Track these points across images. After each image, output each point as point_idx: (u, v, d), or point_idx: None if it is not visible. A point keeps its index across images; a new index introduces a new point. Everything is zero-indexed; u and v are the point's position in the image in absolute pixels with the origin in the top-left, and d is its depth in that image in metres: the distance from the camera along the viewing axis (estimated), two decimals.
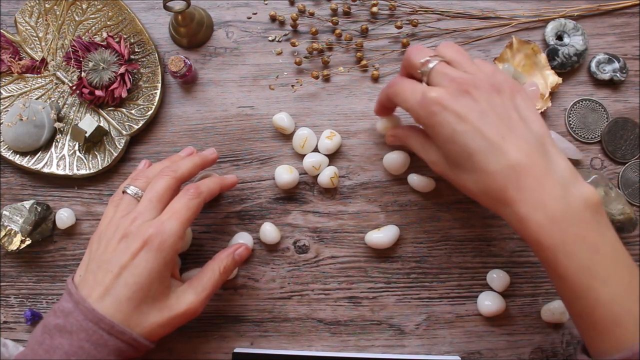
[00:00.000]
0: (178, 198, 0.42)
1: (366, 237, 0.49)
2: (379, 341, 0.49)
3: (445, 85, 0.38)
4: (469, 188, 0.39)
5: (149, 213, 0.40)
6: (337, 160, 0.51)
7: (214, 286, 0.43)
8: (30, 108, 0.50)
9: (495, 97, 0.37)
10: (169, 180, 0.42)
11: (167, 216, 0.40)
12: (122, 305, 0.38)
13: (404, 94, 0.40)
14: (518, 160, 0.35)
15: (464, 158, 0.37)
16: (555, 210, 0.34)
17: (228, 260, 0.44)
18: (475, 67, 0.39)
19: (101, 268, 0.39)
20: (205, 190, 0.43)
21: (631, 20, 0.52)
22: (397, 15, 0.53)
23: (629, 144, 0.50)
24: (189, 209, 0.41)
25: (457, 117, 0.37)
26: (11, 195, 0.52)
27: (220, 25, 0.53)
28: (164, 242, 0.39)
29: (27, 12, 0.52)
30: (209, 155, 0.47)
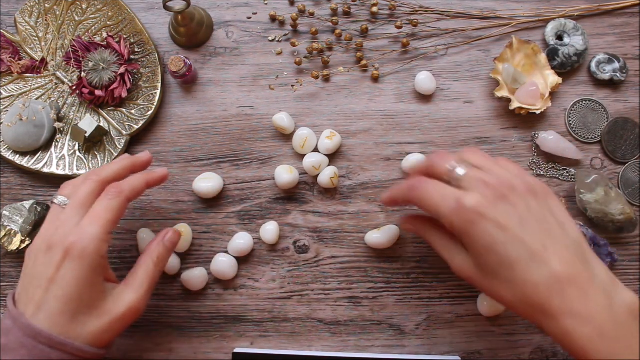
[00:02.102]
0: (99, 201, 0.40)
1: (366, 237, 0.49)
2: (379, 341, 0.49)
3: (480, 190, 0.36)
4: (505, 298, 0.36)
5: (72, 220, 0.39)
6: (337, 160, 0.51)
7: (151, 279, 0.41)
8: (30, 108, 0.50)
9: (531, 201, 0.36)
10: (91, 183, 0.40)
11: (87, 221, 0.39)
12: (57, 319, 0.37)
13: (433, 199, 0.37)
14: (562, 271, 0.34)
15: (504, 268, 0.35)
16: (603, 322, 0.33)
17: (159, 248, 0.42)
18: (504, 170, 0.38)
19: (32, 284, 0.38)
20: (127, 189, 0.41)
21: (631, 20, 0.52)
22: (397, 15, 0.53)
23: (629, 144, 0.50)
24: (110, 210, 0.39)
25: (497, 226, 0.35)
26: (11, 195, 0.52)
27: (220, 25, 0.53)
28: (85, 249, 0.37)
29: (27, 12, 0.52)
30: (141, 157, 0.45)
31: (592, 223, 0.49)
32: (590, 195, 0.47)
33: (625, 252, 0.49)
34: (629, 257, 0.49)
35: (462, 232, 0.36)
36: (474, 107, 0.51)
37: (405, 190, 0.40)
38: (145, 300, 0.41)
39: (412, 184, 0.39)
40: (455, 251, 0.39)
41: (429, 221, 0.42)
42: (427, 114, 0.51)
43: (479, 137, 0.51)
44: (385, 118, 0.51)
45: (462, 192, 0.36)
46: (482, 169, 0.38)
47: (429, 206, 0.38)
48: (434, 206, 0.37)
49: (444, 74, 0.52)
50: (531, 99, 0.49)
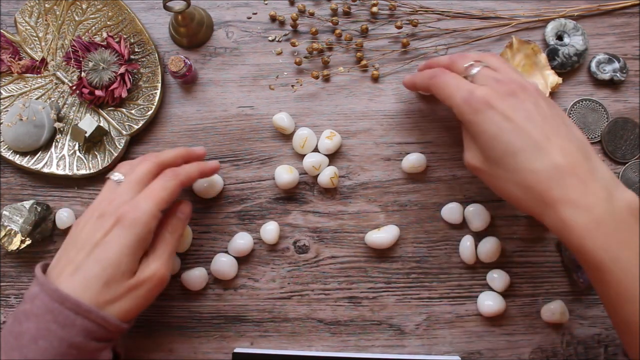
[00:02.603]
0: (156, 180, 0.42)
1: (366, 237, 0.49)
2: (379, 341, 0.49)
3: (491, 85, 0.39)
4: (508, 188, 0.38)
5: (127, 194, 0.41)
6: (337, 160, 0.51)
7: (170, 247, 0.43)
8: (30, 108, 0.50)
9: (540, 101, 0.38)
10: (149, 164, 0.43)
11: (143, 196, 0.40)
12: (91, 282, 0.37)
13: (449, 88, 0.40)
14: (563, 161, 0.35)
15: (507, 156, 0.37)
16: (600, 213, 0.34)
17: (173, 220, 0.44)
18: (518, 74, 0.41)
19: (75, 247, 0.39)
20: (182, 173, 0.43)
21: (631, 20, 0.52)
22: (397, 15, 0.53)
23: (629, 144, 0.50)
24: (165, 189, 0.41)
25: (503, 115, 0.37)
26: (11, 195, 0.52)
27: (220, 25, 0.53)
28: (137, 219, 0.39)
29: (27, 12, 0.52)
30: (197, 150, 0.47)
31: None
32: None
33: None
34: None
35: (470, 121, 0.39)
36: None
37: (425, 77, 0.43)
38: (167, 267, 0.42)
39: (433, 73, 0.42)
40: (468, 145, 0.41)
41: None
42: (427, 114, 0.51)
43: None
44: (385, 118, 0.51)
45: (478, 85, 0.39)
46: (498, 70, 0.41)
47: (444, 94, 0.41)
48: (448, 95, 0.40)
49: None
50: None
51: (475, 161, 0.40)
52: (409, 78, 0.47)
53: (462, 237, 0.49)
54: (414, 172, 0.50)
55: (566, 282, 0.49)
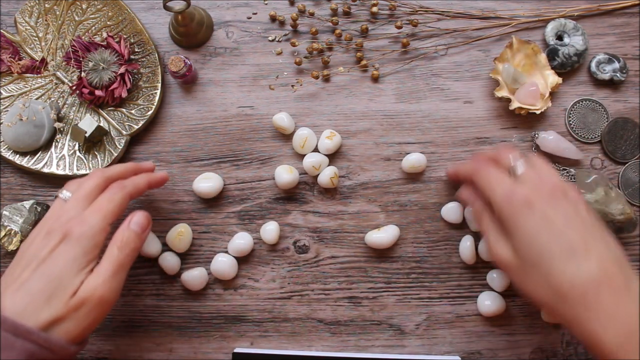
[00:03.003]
0: (102, 194, 0.42)
1: (366, 237, 0.49)
2: (379, 341, 0.49)
3: (534, 186, 0.39)
4: (537, 290, 0.37)
5: (74, 210, 0.40)
6: (337, 160, 0.51)
7: (116, 264, 0.39)
8: (30, 108, 0.50)
9: (581, 206, 0.38)
10: (96, 179, 0.42)
11: (90, 211, 0.40)
12: (34, 298, 0.36)
13: (491, 182, 0.40)
14: (599, 271, 0.35)
15: (543, 258, 0.36)
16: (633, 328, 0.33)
17: (124, 233, 0.41)
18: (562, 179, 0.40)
19: (20, 264, 0.39)
20: (129, 185, 0.43)
21: (631, 20, 0.52)
22: (397, 15, 0.53)
23: (629, 144, 0.50)
24: (111, 201, 0.41)
25: (543, 216, 0.37)
26: (11, 195, 0.52)
27: (220, 25, 0.53)
28: (83, 233, 0.38)
29: (27, 12, 0.52)
30: (145, 164, 0.47)
31: None
32: (590, 195, 0.47)
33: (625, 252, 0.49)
34: (629, 257, 0.49)
35: (509, 219, 0.38)
36: (474, 107, 0.51)
37: (470, 169, 0.44)
38: (108, 286, 0.38)
39: (478, 166, 0.43)
40: (499, 237, 0.40)
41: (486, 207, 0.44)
42: (427, 114, 0.51)
43: (479, 137, 0.51)
44: (385, 118, 0.51)
45: (520, 184, 0.39)
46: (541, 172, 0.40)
47: (485, 188, 0.41)
48: (489, 188, 0.40)
49: (444, 74, 0.52)
50: (531, 99, 0.49)
51: (505, 256, 0.39)
52: (453, 169, 0.48)
53: (462, 237, 0.49)
54: (414, 172, 0.50)
55: None
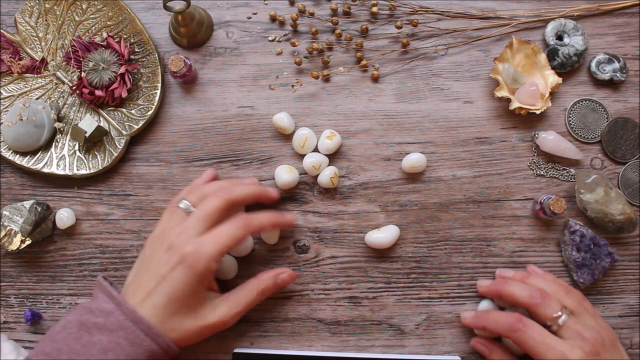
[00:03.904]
0: (226, 224, 0.43)
1: (366, 237, 0.49)
2: (379, 341, 0.49)
3: (579, 344, 0.40)
4: None
5: (194, 230, 0.42)
6: (337, 160, 0.51)
7: (249, 304, 0.45)
8: (30, 108, 0.49)
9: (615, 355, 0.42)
10: (219, 201, 0.43)
11: (209, 238, 0.42)
12: (159, 311, 0.40)
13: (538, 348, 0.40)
14: None
15: None
16: None
17: (269, 282, 0.46)
18: (593, 320, 0.43)
19: (147, 274, 0.42)
20: (255, 224, 0.44)
21: (631, 20, 0.52)
22: (397, 15, 0.53)
23: (629, 144, 0.50)
24: (232, 238, 0.42)
25: None
26: (11, 195, 0.52)
27: (220, 25, 0.53)
28: (199, 262, 0.41)
29: (27, 12, 0.52)
30: (270, 192, 0.48)
31: (592, 223, 0.49)
32: (590, 195, 0.47)
33: (625, 252, 0.49)
34: (629, 257, 0.49)
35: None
36: (474, 107, 0.51)
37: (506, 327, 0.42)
38: (235, 319, 0.44)
39: (516, 326, 0.42)
40: None
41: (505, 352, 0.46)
42: (427, 114, 0.51)
43: (479, 137, 0.51)
44: (385, 118, 0.51)
45: (565, 344, 0.40)
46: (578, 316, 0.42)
47: (532, 352, 0.41)
48: (537, 353, 0.40)
49: (444, 74, 0.52)
50: (531, 99, 0.49)
51: None
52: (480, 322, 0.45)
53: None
54: (414, 172, 0.50)
55: (566, 282, 0.49)
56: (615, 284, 0.49)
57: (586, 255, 0.48)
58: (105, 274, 0.50)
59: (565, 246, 0.48)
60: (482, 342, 0.47)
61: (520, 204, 0.50)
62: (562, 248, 0.49)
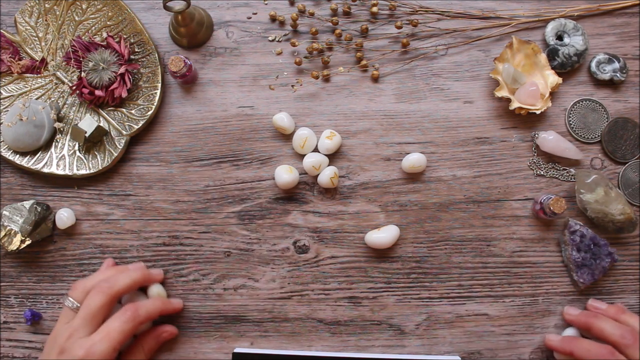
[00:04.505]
0: (113, 319, 0.43)
1: (366, 237, 0.49)
2: (379, 341, 0.49)
3: None
4: None
5: (83, 330, 0.42)
6: (337, 160, 0.51)
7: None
8: (30, 108, 0.49)
9: None
10: (102, 297, 0.43)
11: (99, 337, 0.42)
12: None
13: None
14: None
15: None
16: None
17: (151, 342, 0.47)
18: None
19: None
20: (143, 315, 0.44)
21: (631, 20, 0.52)
22: (397, 15, 0.53)
23: (629, 144, 0.50)
24: (122, 332, 0.42)
25: None
26: (11, 195, 0.51)
27: (220, 25, 0.53)
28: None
29: (27, 12, 0.52)
30: (154, 274, 0.48)
31: (592, 223, 0.49)
32: (590, 195, 0.47)
33: (625, 252, 0.49)
34: (629, 257, 0.49)
35: None
36: (474, 107, 0.51)
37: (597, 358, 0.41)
38: None
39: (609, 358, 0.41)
40: None
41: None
42: (427, 114, 0.51)
43: (479, 137, 0.51)
44: (385, 118, 0.51)
45: None
46: None
47: None
48: None
49: (444, 74, 0.52)
50: (531, 99, 0.49)
51: None
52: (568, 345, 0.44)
53: None
54: (414, 172, 0.50)
55: (566, 282, 0.49)
56: (615, 284, 0.49)
57: (586, 255, 0.48)
58: None
59: (565, 246, 0.48)
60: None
61: (520, 204, 0.50)
62: (562, 248, 0.49)
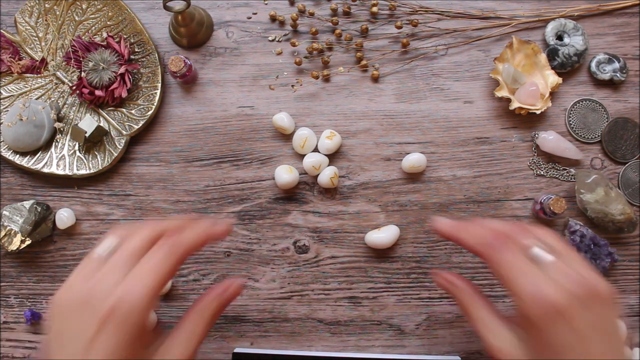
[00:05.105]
0: (153, 252, 0.34)
1: (366, 237, 0.49)
2: (379, 341, 0.49)
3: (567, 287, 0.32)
4: None
5: (116, 273, 0.32)
6: (337, 160, 0.51)
7: (201, 338, 0.36)
8: (30, 108, 0.49)
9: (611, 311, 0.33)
10: (145, 236, 0.34)
11: (137, 275, 0.32)
12: None
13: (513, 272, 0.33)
14: None
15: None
16: None
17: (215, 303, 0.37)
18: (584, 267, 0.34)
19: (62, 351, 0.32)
20: (185, 245, 0.34)
21: (631, 20, 0.52)
22: (397, 15, 0.53)
23: (629, 144, 0.50)
24: (161, 272, 0.33)
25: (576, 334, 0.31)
26: (11, 195, 0.52)
27: (220, 25, 0.53)
28: (128, 316, 0.31)
29: (27, 12, 0.52)
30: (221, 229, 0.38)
31: (592, 223, 0.49)
32: (590, 195, 0.47)
33: (625, 252, 0.49)
34: (629, 257, 0.49)
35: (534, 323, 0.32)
36: (474, 107, 0.51)
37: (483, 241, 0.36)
38: (196, 354, 0.35)
39: (493, 243, 0.35)
40: (499, 329, 0.35)
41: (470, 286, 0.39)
42: (427, 114, 0.51)
43: (479, 137, 0.51)
44: (385, 118, 0.51)
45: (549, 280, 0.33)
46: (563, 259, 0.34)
47: (505, 276, 0.34)
48: (512, 280, 0.33)
49: (444, 74, 0.52)
50: (531, 99, 0.49)
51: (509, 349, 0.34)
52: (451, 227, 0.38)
53: None
54: (414, 172, 0.50)
55: None
56: (615, 284, 0.49)
57: (586, 255, 0.48)
58: None
59: None
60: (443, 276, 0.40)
61: (520, 204, 0.50)
62: None
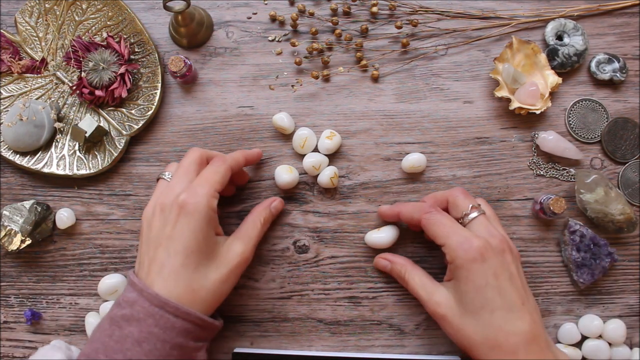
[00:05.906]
0: (206, 167, 0.43)
1: (366, 237, 0.49)
2: (379, 341, 0.49)
3: (487, 237, 0.41)
4: (473, 337, 0.40)
5: (180, 184, 0.42)
6: (337, 160, 0.51)
7: (258, 236, 0.46)
8: (30, 108, 0.50)
9: (519, 265, 0.42)
10: (194, 155, 0.44)
11: (197, 182, 0.42)
12: (180, 274, 0.39)
13: (444, 228, 0.42)
14: (531, 328, 0.39)
15: (485, 310, 0.39)
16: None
17: (266, 212, 0.47)
18: (499, 226, 0.44)
19: (151, 245, 0.41)
20: (229, 159, 0.45)
21: (631, 20, 0.52)
22: (397, 15, 0.53)
23: (629, 144, 0.50)
24: (217, 173, 0.42)
25: (493, 272, 0.39)
26: (11, 195, 0.52)
27: (220, 25, 0.53)
28: (198, 203, 0.40)
29: (27, 12, 0.52)
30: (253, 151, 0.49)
31: (592, 223, 0.49)
32: (590, 195, 0.47)
33: (625, 252, 0.49)
34: (629, 257, 0.49)
35: (462, 267, 0.40)
36: (474, 107, 0.51)
37: (416, 210, 0.44)
38: (252, 252, 0.44)
39: (428, 213, 0.43)
40: (434, 288, 0.43)
41: (408, 262, 0.47)
42: (427, 114, 0.51)
43: (479, 137, 0.51)
44: (385, 118, 0.51)
45: (473, 233, 0.41)
46: (490, 222, 0.43)
47: (437, 232, 0.42)
48: (443, 234, 0.42)
49: (444, 74, 0.52)
50: (531, 99, 0.49)
51: (444, 305, 0.42)
52: (392, 210, 0.47)
53: None
54: (413, 172, 0.50)
55: (566, 282, 0.49)
56: (615, 284, 0.49)
57: (586, 255, 0.48)
58: (106, 274, 0.50)
59: (565, 246, 0.48)
60: (384, 256, 0.48)
61: (520, 204, 0.50)
62: (562, 248, 0.49)
